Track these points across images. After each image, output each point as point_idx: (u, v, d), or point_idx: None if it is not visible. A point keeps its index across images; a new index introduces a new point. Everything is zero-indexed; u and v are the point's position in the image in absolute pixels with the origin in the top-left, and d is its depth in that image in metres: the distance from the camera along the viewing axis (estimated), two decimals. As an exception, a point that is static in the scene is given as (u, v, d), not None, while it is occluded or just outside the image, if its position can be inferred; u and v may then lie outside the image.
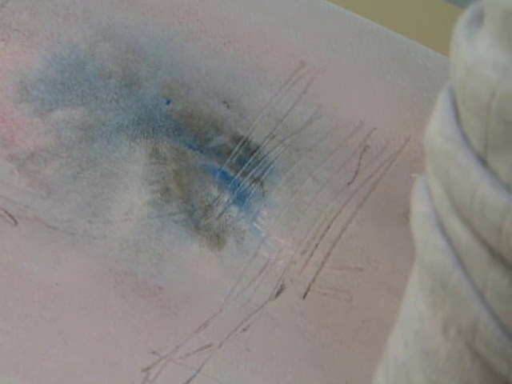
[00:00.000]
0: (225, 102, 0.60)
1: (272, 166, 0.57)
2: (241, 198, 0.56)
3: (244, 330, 0.52)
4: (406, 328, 0.34)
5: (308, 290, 0.53)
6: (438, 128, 0.29)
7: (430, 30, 0.63)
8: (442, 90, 0.31)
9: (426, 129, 0.31)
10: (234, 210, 0.56)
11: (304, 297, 0.53)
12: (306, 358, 0.51)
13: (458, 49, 0.28)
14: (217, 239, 0.55)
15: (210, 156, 0.57)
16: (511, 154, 0.26)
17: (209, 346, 0.51)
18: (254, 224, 0.55)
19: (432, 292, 0.30)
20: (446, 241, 0.29)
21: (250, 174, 0.57)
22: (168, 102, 0.60)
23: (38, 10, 0.63)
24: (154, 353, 0.51)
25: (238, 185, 0.57)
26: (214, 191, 0.56)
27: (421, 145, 0.58)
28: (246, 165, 0.57)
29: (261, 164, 0.57)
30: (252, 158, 0.58)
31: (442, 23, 0.63)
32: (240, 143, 0.58)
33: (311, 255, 0.54)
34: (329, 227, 0.55)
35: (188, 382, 0.50)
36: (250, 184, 0.57)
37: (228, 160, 0.57)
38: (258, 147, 0.58)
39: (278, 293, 0.53)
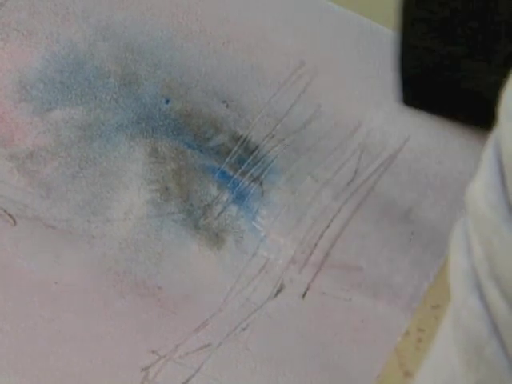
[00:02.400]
0: (224, 102, 0.60)
1: (271, 166, 0.57)
2: (240, 198, 0.56)
3: (243, 329, 0.52)
4: (436, 374, 0.33)
5: (307, 289, 0.53)
6: (482, 191, 0.28)
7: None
8: (489, 146, 0.29)
9: (470, 186, 0.30)
10: (234, 209, 0.56)
11: (303, 296, 0.53)
12: (305, 357, 0.51)
13: (509, 119, 0.27)
14: (216, 238, 0.55)
15: (210, 155, 0.57)
16: None
17: (208, 345, 0.51)
18: (254, 223, 0.55)
19: (466, 352, 0.30)
20: (484, 307, 0.28)
21: (249, 174, 0.57)
22: (167, 102, 0.60)
23: (37, 10, 0.63)
24: (153, 352, 0.51)
25: (238, 184, 0.57)
26: (214, 190, 0.56)
27: (420, 144, 0.58)
28: (246, 164, 0.57)
29: (260, 163, 0.57)
30: (251, 157, 0.58)
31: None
32: (239, 143, 0.58)
33: (311, 255, 0.54)
34: (328, 226, 0.55)
35: (187, 381, 0.50)
36: (250, 183, 0.57)
37: (227, 159, 0.57)
38: (257, 147, 0.58)
39: (278, 292, 0.53)
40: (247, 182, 0.57)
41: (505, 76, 0.29)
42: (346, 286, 0.53)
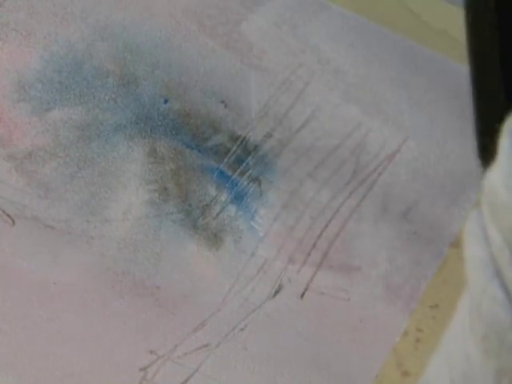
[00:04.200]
0: (223, 102, 0.60)
1: (270, 166, 0.57)
2: (238, 198, 0.56)
3: (242, 329, 0.52)
4: (451, 366, 0.33)
5: (306, 289, 0.53)
6: (503, 180, 0.28)
7: (430, 29, 0.63)
8: (505, 134, 0.29)
9: (488, 174, 0.30)
10: (232, 209, 0.56)
11: (302, 296, 0.53)
12: (303, 357, 0.51)
13: None
14: (215, 238, 0.55)
15: (208, 155, 0.57)
16: None
17: (207, 345, 0.51)
18: (252, 223, 0.55)
19: (484, 338, 0.29)
20: (506, 294, 0.28)
21: (247, 174, 0.57)
22: (166, 102, 0.60)
23: (35, 10, 0.63)
24: (151, 352, 0.51)
25: (236, 184, 0.57)
26: (212, 190, 0.56)
27: (419, 144, 0.58)
28: (244, 164, 0.57)
29: (259, 163, 0.57)
30: (250, 157, 0.58)
31: (443, 23, 0.64)
32: (238, 142, 0.58)
33: (309, 254, 0.54)
34: (327, 226, 0.55)
35: (186, 381, 0.50)
36: (248, 183, 0.57)
37: (226, 159, 0.57)
38: (255, 147, 0.58)
39: (276, 292, 0.53)
40: (246, 182, 0.57)
41: None
42: (345, 285, 0.53)
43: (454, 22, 0.63)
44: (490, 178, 0.29)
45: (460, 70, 0.61)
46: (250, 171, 0.57)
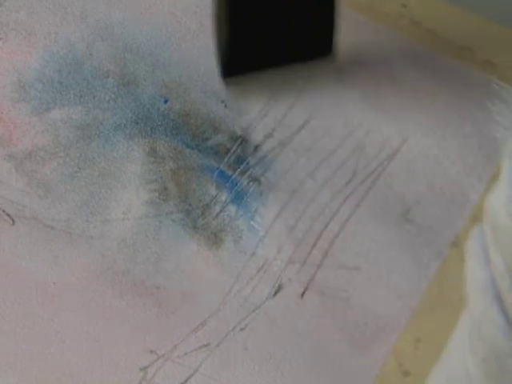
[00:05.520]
0: (223, 102, 0.60)
1: (270, 165, 0.57)
2: (239, 197, 0.56)
3: (242, 329, 0.52)
4: (451, 382, 0.33)
5: (306, 289, 0.53)
6: (504, 204, 0.28)
7: (430, 29, 0.64)
8: (506, 156, 0.29)
9: (489, 197, 0.29)
10: (232, 209, 0.56)
11: (302, 296, 0.53)
12: (303, 357, 0.51)
13: None
14: (214, 238, 0.55)
15: (208, 155, 0.57)
16: None
17: (207, 345, 0.51)
18: (252, 223, 0.55)
19: (484, 361, 0.29)
20: (505, 320, 0.28)
21: (247, 173, 0.57)
22: (166, 101, 0.60)
23: (35, 10, 0.63)
24: (151, 352, 0.51)
25: (236, 184, 0.57)
26: (212, 190, 0.56)
27: (418, 145, 0.58)
28: (244, 164, 0.57)
29: (259, 163, 0.57)
30: (250, 157, 0.58)
31: (442, 23, 0.64)
32: (238, 142, 0.58)
33: (309, 254, 0.54)
34: (327, 226, 0.55)
35: (186, 381, 0.50)
36: (248, 183, 0.57)
37: (226, 159, 0.57)
38: (255, 146, 0.58)
39: (276, 292, 0.53)
40: (246, 182, 0.57)
41: None
42: (345, 285, 0.53)
43: (448, 21, 0.63)
44: (491, 200, 0.29)
45: (460, 69, 0.61)
46: (249, 171, 0.57)
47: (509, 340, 0.28)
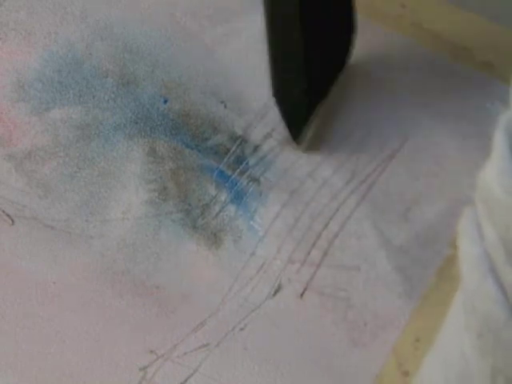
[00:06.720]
0: (222, 102, 0.60)
1: (269, 165, 0.57)
2: (238, 197, 0.56)
3: (241, 329, 0.52)
4: (447, 365, 0.33)
5: (305, 289, 0.53)
6: (497, 178, 0.28)
7: (430, 29, 0.64)
8: (499, 131, 0.29)
9: (482, 172, 0.29)
10: (232, 209, 0.56)
11: (301, 296, 0.53)
12: (303, 356, 0.51)
13: None
14: (214, 238, 0.55)
15: (208, 155, 0.57)
16: None
17: (206, 345, 0.51)
18: (252, 223, 0.55)
19: (480, 336, 0.29)
20: (501, 291, 0.28)
21: (247, 173, 0.57)
22: (165, 101, 0.60)
23: (35, 10, 0.63)
24: (151, 352, 0.51)
25: (236, 184, 0.57)
26: (212, 190, 0.56)
27: (419, 145, 0.58)
28: (244, 164, 0.57)
29: (258, 163, 0.57)
30: (249, 157, 0.58)
31: (442, 23, 0.64)
32: (237, 142, 0.58)
33: (309, 254, 0.54)
34: (326, 226, 0.55)
35: (185, 381, 0.50)
36: (248, 183, 0.57)
37: (225, 159, 0.57)
38: (255, 147, 0.58)
39: (276, 292, 0.53)
40: (245, 182, 0.57)
41: None
42: (344, 285, 0.53)
43: (448, 21, 0.63)
44: (484, 175, 0.29)
45: (460, 70, 0.61)
46: (249, 171, 0.57)
47: (504, 311, 0.28)
